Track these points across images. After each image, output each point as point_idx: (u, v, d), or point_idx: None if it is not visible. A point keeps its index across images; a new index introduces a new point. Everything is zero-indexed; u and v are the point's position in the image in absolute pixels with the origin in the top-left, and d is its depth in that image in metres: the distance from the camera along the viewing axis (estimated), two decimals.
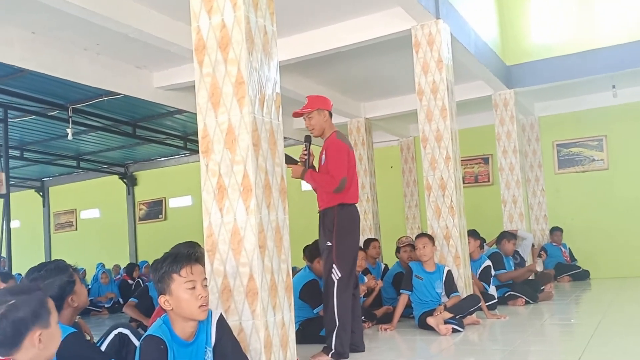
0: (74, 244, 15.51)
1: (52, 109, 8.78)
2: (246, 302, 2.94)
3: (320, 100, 4.42)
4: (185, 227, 12.77)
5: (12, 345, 1.76)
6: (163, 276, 2.43)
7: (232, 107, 2.97)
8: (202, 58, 3.06)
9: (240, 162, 2.96)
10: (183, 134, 11.53)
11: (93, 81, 6.47)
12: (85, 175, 15.10)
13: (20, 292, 1.84)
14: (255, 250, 2.93)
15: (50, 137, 11.04)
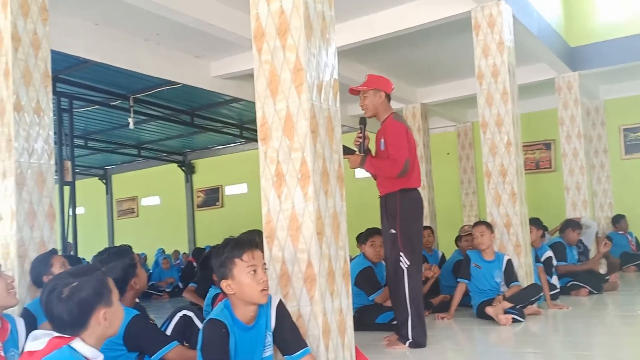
0: (136, 230, 16.06)
1: (115, 99, 9.08)
2: (304, 288, 2.95)
3: (379, 80, 4.25)
4: (241, 214, 13.04)
5: (80, 325, 1.82)
6: (225, 261, 2.47)
7: (291, 94, 2.97)
8: (261, 45, 3.07)
9: (298, 149, 2.96)
10: (239, 122, 11.69)
11: (153, 71, 6.64)
12: (146, 163, 15.57)
13: (81, 274, 1.90)
14: (313, 236, 2.93)
15: (112, 127, 11.43)
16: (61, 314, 1.81)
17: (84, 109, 9.69)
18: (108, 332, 1.89)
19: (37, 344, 1.78)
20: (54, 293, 1.83)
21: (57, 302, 1.81)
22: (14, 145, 3.91)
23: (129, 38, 6.27)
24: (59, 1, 5.08)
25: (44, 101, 4.06)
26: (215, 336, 2.39)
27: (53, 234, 4.12)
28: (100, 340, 1.88)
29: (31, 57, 3.97)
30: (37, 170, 4.04)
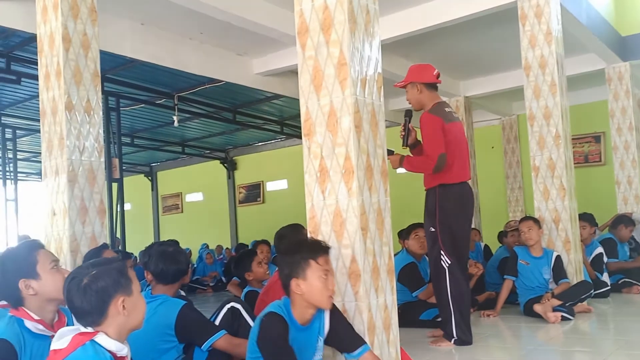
0: (180, 225, 16.38)
1: (160, 98, 9.27)
2: (349, 284, 2.94)
3: (415, 72, 4.14)
4: (282, 210, 13.12)
5: (99, 313, 1.85)
6: (300, 260, 2.50)
7: (334, 89, 2.96)
8: (305, 41, 3.06)
9: (342, 144, 2.95)
10: (280, 118, 11.76)
11: (197, 69, 6.75)
12: (190, 160, 15.86)
13: (100, 264, 1.94)
14: (358, 232, 2.91)
15: (157, 125, 11.68)
16: (81, 303, 1.85)
17: (130, 108, 9.93)
18: (130, 323, 1.91)
19: (61, 342, 1.81)
20: (73, 282, 1.87)
21: (77, 291, 1.85)
22: (66, 143, 4.03)
23: (174, 37, 6.39)
24: (107, 2, 5.21)
25: (94, 100, 4.18)
26: (277, 327, 2.44)
27: (103, 229, 4.25)
28: (123, 331, 1.90)
29: (81, 58, 4.09)
30: (88, 167, 4.16)
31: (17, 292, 2.23)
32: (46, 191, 4.20)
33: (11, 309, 2.26)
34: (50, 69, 4.09)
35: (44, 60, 4.15)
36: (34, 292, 2.22)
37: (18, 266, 2.25)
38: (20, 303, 2.24)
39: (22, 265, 2.25)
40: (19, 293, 2.22)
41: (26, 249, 2.32)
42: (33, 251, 2.31)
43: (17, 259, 2.28)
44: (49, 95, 4.14)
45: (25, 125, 11.27)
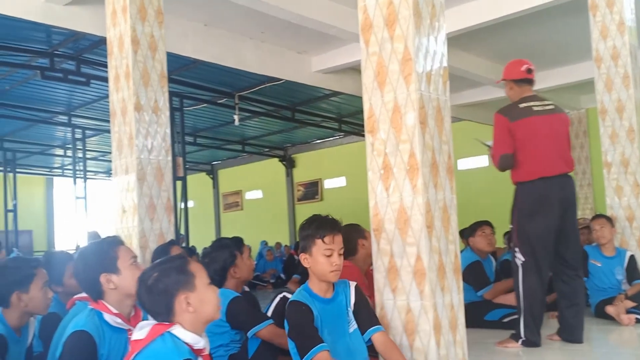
0: (240, 222, 16.69)
1: (221, 97, 9.47)
2: (414, 282, 2.90)
3: (506, 69, 4.07)
4: (340, 207, 13.11)
5: (166, 314, 1.92)
6: (307, 237, 2.63)
7: (399, 85, 2.92)
8: (369, 37, 3.03)
9: (406, 141, 2.90)
10: (338, 116, 11.77)
11: (258, 68, 6.85)
12: (249, 158, 16.13)
13: (162, 263, 2.01)
14: (423, 230, 2.86)
15: (219, 124, 11.94)
16: (149, 304, 1.95)
17: (193, 108, 10.20)
18: (201, 316, 1.95)
19: (140, 333, 1.89)
20: (141, 285, 1.96)
21: (144, 294, 1.95)
22: (135, 143, 4.18)
23: (236, 37, 6.51)
24: (171, 4, 5.35)
25: (161, 101, 4.31)
26: (298, 313, 2.54)
27: (170, 225, 4.37)
28: (198, 324, 1.95)
29: (149, 59, 4.21)
30: (156, 165, 4.29)
31: (97, 285, 2.32)
32: (116, 189, 4.36)
33: (91, 302, 2.36)
34: (120, 70, 4.23)
35: (113, 63, 4.30)
36: (114, 287, 2.31)
37: (100, 261, 2.35)
38: (101, 296, 2.33)
39: (104, 260, 2.35)
40: (100, 287, 2.32)
41: (108, 245, 2.42)
42: (114, 247, 2.40)
43: (99, 254, 2.38)
44: (119, 97, 4.29)
45: (93, 126, 11.78)
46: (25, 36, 6.92)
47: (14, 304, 2.53)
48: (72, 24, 5.46)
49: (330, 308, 2.63)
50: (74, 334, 2.22)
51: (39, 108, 10.34)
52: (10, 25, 6.38)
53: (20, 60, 7.56)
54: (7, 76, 8.36)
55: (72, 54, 7.43)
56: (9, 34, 6.75)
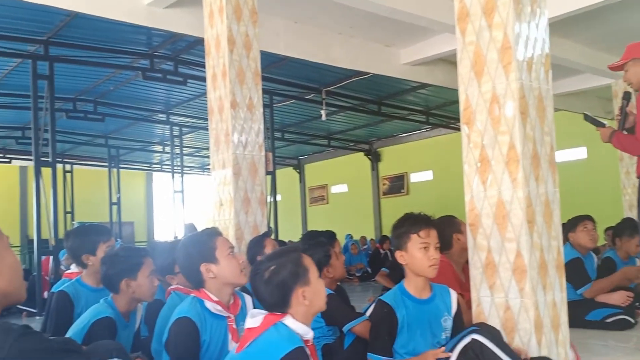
0: (326, 216, 16.86)
1: (309, 93, 9.60)
2: (513, 280, 2.81)
3: (637, 48, 3.81)
4: (427, 202, 12.91)
5: (282, 305, 1.98)
6: (402, 234, 2.62)
7: (497, 74, 2.83)
8: (465, 26, 2.96)
9: (505, 133, 2.81)
10: (425, 108, 11.58)
11: (346, 63, 6.89)
12: (335, 153, 16.24)
13: (278, 256, 2.07)
14: (523, 225, 2.76)
15: (305, 119, 12.12)
16: (266, 296, 2.01)
17: (281, 104, 10.41)
18: (313, 309, 2.03)
19: (254, 321, 1.97)
20: (257, 277, 2.03)
21: (260, 285, 2.01)
22: (231, 139, 4.32)
23: (325, 33, 6.58)
24: (263, 3, 5.48)
25: (255, 98, 4.43)
26: (378, 315, 2.57)
27: (264, 218, 4.49)
28: (308, 316, 2.02)
29: (244, 58, 4.35)
30: (250, 161, 4.42)
31: (198, 275, 2.44)
32: (214, 183, 4.53)
33: (193, 290, 2.49)
34: (217, 70, 4.40)
35: (211, 62, 4.47)
36: (213, 276, 2.41)
37: (200, 251, 2.47)
38: (202, 285, 2.45)
39: (204, 250, 2.47)
40: (200, 276, 2.44)
41: (207, 236, 2.54)
42: (213, 238, 2.52)
43: (200, 244, 2.51)
44: (216, 95, 4.46)
45: (189, 123, 12.33)
46: (128, 39, 7.36)
47: (123, 290, 2.71)
48: (172, 25, 5.74)
49: (425, 309, 2.60)
50: (178, 321, 2.35)
51: (139, 107, 10.97)
52: (114, 29, 6.81)
53: (123, 62, 8.05)
54: (111, 77, 8.93)
55: (171, 55, 7.81)
56: (114, 37, 7.21)
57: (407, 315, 2.54)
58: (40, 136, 7.48)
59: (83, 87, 9.39)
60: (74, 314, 2.90)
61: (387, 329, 2.53)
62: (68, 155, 14.74)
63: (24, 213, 16.76)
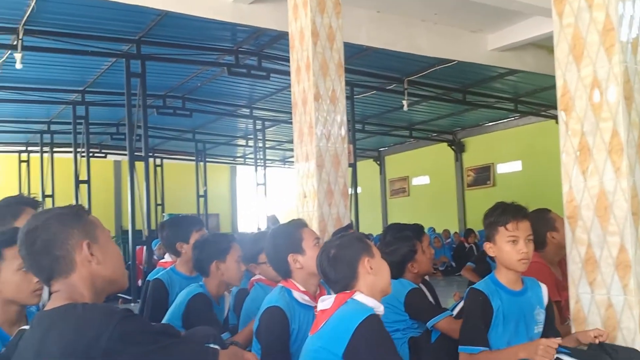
0: (406, 208, 16.66)
1: (390, 83, 9.50)
2: (616, 276, 2.63)
3: None
4: (515, 194, 12.39)
5: (350, 276, 2.05)
6: (491, 225, 2.52)
7: (598, 57, 2.64)
8: (562, 8, 2.79)
9: (607, 119, 2.63)
10: (514, 95, 11.15)
11: (430, 51, 6.75)
12: (417, 144, 15.99)
13: (340, 236, 2.21)
14: (628, 218, 2.58)
15: (386, 110, 12.01)
16: (333, 272, 2.07)
17: (362, 95, 10.36)
18: (379, 283, 2.07)
19: (325, 303, 2.05)
20: (323, 255, 2.11)
21: (327, 262, 2.08)
22: (315, 132, 4.34)
23: (408, 21, 6.47)
24: None
25: (338, 89, 4.42)
26: (474, 302, 2.48)
27: (346, 210, 4.48)
28: (375, 292, 2.06)
29: (327, 50, 4.34)
30: (333, 153, 4.43)
31: (286, 265, 2.48)
32: (297, 175, 4.58)
33: (282, 280, 2.53)
34: (301, 63, 4.43)
35: (295, 55, 4.50)
36: (300, 266, 2.44)
37: (287, 242, 2.51)
38: (289, 275, 2.49)
39: (291, 241, 2.51)
40: (288, 266, 2.48)
41: (294, 227, 2.58)
42: (299, 229, 2.56)
43: (287, 235, 2.55)
44: (300, 88, 4.49)
45: (271, 117, 12.58)
46: (214, 36, 7.59)
47: (213, 273, 2.83)
48: (256, 20, 5.85)
49: (519, 301, 2.50)
50: (268, 310, 2.40)
51: (224, 102, 11.32)
52: (201, 27, 7.05)
53: (209, 58, 8.32)
54: (198, 74, 9.26)
55: (254, 50, 7.98)
56: (201, 34, 7.46)
57: (501, 305, 2.46)
58: (133, 132, 7.88)
59: (172, 84, 9.81)
60: (169, 301, 3.03)
61: (482, 318, 2.44)
62: (158, 150, 15.47)
63: (118, 205, 17.78)
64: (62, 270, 1.52)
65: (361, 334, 1.89)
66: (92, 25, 7.04)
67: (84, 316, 1.42)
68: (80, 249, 1.53)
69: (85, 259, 1.54)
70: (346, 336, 1.89)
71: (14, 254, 1.97)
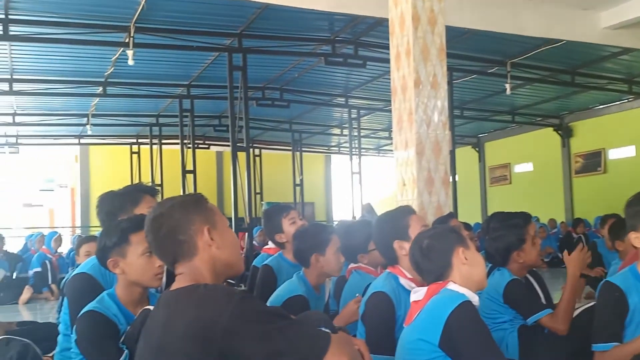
0: (508, 197, 16.01)
1: (491, 66, 9.14)
2: None
3: None
4: (628, 181, 11.56)
5: (444, 266, 2.02)
6: (636, 213, 2.33)
7: None
8: None
9: None
10: (628, 76, 10.36)
11: (536, 31, 6.42)
12: (519, 129, 15.31)
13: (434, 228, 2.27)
14: None
15: (487, 95, 11.58)
16: (426, 262, 2.03)
17: (461, 80, 10.05)
18: (474, 275, 2.01)
19: (418, 294, 2.01)
20: (415, 246, 2.08)
21: (420, 255, 2.05)
22: (414, 118, 4.26)
23: (512, 1, 6.17)
24: None
25: (440, 74, 4.30)
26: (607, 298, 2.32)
27: (447, 199, 4.37)
28: (469, 282, 1.99)
29: (428, 34, 4.24)
30: (434, 139, 4.32)
31: (392, 251, 2.48)
32: (396, 163, 4.52)
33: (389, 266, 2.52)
34: (401, 49, 4.35)
35: (394, 42, 4.44)
36: (405, 253, 2.42)
37: (393, 228, 2.51)
38: (396, 262, 2.49)
39: (397, 227, 2.50)
40: (394, 252, 2.47)
41: (401, 213, 2.58)
42: (407, 216, 2.54)
43: (393, 221, 2.54)
44: (399, 74, 4.43)
45: (367, 105, 12.53)
46: (311, 26, 7.67)
47: (313, 265, 2.86)
48: (353, 8, 5.83)
49: None
50: (374, 295, 2.42)
51: (320, 92, 11.42)
52: (299, 18, 7.14)
53: (306, 49, 8.42)
54: (296, 65, 9.41)
55: (351, 39, 7.97)
56: (298, 25, 7.57)
57: (638, 302, 2.27)
58: (235, 123, 8.16)
59: (271, 76, 10.04)
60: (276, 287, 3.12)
61: (616, 315, 2.28)
62: (256, 141, 15.95)
63: (220, 194, 18.53)
64: (185, 254, 1.61)
65: (455, 321, 1.85)
66: (196, 21, 7.36)
67: (206, 296, 1.49)
68: (202, 234, 1.61)
69: (206, 244, 1.61)
70: (439, 325, 1.86)
71: (139, 239, 2.11)
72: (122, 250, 2.17)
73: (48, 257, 8.31)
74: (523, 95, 11.84)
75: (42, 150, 18.85)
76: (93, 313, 2.12)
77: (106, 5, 6.74)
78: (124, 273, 2.17)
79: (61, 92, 10.20)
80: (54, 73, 9.35)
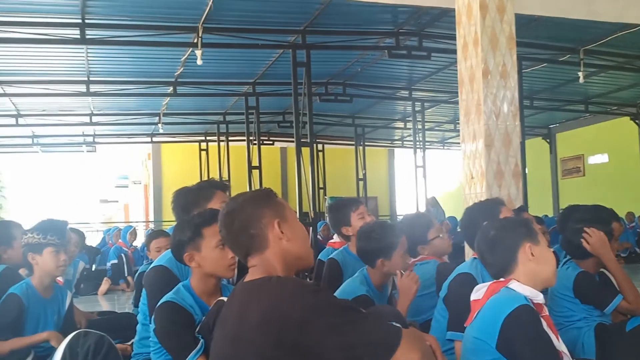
0: (582, 189, 15.38)
1: (563, 54, 8.77)
2: None
3: None
4: None
5: (509, 260, 1.95)
6: None
7: None
8: None
9: None
10: None
11: (610, 16, 6.10)
12: (593, 119, 14.65)
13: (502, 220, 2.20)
14: None
15: (558, 84, 11.13)
16: (490, 255, 2.00)
17: (530, 69, 9.70)
18: (542, 273, 1.96)
19: (478, 294, 1.98)
20: (482, 236, 2.05)
21: (485, 247, 2.02)
22: (483, 109, 4.16)
23: None
24: None
25: (509, 64, 4.18)
26: None
27: (519, 192, 4.24)
28: (536, 281, 1.94)
29: (497, 22, 4.13)
30: (504, 131, 4.21)
31: None
32: (463, 156, 4.43)
33: None
34: (468, 38, 4.26)
35: (461, 32, 4.35)
36: None
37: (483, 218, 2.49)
38: None
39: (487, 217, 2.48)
40: None
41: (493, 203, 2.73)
42: (498, 206, 2.64)
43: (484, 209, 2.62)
44: (467, 65, 4.33)
45: (430, 98, 12.33)
46: (375, 19, 7.62)
47: (378, 267, 2.84)
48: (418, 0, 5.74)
49: None
50: (458, 276, 2.51)
51: (383, 85, 11.33)
52: (363, 11, 7.12)
53: (370, 42, 8.37)
54: (359, 59, 9.38)
55: (415, 31, 7.86)
56: (362, 19, 7.53)
57: None
58: (299, 119, 8.24)
59: (333, 71, 10.06)
60: (342, 281, 3.13)
61: None
62: (319, 136, 16.03)
63: (284, 189, 18.79)
64: (257, 246, 1.65)
65: (510, 325, 1.80)
66: (261, 19, 7.47)
67: (280, 287, 1.52)
68: (272, 228, 1.65)
69: (277, 237, 1.65)
70: (496, 328, 1.83)
71: (212, 232, 2.18)
72: (196, 244, 2.24)
73: (124, 250, 8.72)
74: (597, 84, 11.30)
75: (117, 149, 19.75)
76: (170, 304, 2.21)
77: (176, 7, 6.96)
78: (200, 266, 2.25)
79: (134, 92, 10.64)
80: (128, 74, 9.75)
